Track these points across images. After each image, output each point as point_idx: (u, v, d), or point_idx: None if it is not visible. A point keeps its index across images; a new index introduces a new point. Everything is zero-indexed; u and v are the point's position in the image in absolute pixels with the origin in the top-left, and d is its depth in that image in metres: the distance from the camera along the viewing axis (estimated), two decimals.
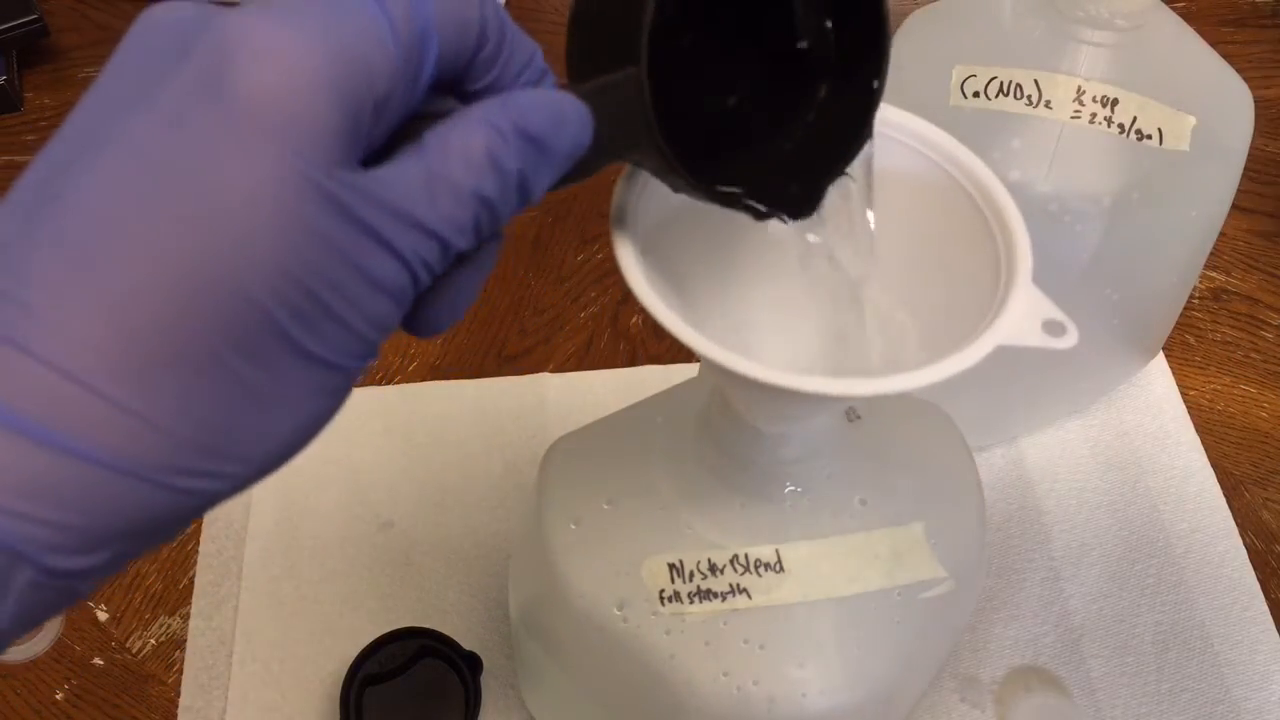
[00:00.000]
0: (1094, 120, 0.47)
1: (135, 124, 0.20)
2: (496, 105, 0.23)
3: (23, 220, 0.20)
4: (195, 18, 0.21)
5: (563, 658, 0.40)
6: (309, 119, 0.21)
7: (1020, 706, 0.51)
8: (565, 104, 0.24)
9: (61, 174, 0.20)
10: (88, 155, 0.20)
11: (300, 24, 0.21)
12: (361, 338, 0.22)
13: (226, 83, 0.20)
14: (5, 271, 0.20)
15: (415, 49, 0.22)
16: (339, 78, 0.21)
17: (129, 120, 0.20)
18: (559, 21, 0.80)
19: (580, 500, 0.38)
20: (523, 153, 0.23)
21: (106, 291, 0.19)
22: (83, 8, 0.79)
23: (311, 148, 0.21)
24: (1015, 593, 0.55)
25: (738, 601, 0.35)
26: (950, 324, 0.29)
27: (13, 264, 0.20)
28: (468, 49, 0.24)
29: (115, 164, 0.20)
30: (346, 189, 0.21)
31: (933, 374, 0.26)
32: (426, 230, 0.22)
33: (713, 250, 0.33)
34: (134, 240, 0.20)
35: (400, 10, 0.22)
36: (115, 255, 0.20)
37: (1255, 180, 0.71)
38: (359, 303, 0.22)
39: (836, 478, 0.37)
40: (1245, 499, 0.59)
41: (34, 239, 0.20)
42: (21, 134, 0.72)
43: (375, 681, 0.49)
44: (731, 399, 0.34)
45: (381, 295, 0.22)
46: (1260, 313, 0.67)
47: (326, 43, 0.21)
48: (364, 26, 0.21)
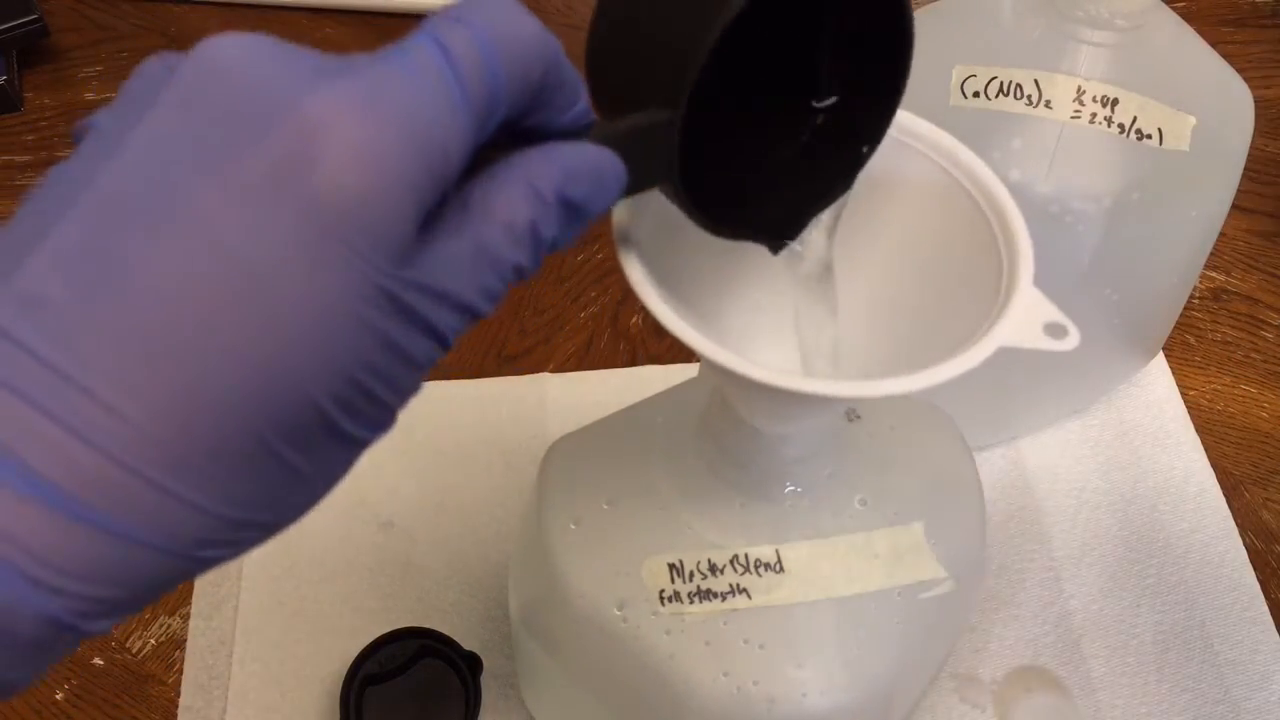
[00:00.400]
0: (1094, 120, 0.47)
1: (205, 197, 0.20)
2: (541, 163, 0.23)
3: (78, 284, 0.20)
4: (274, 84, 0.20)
5: (563, 658, 0.40)
6: (386, 225, 0.21)
7: (1020, 706, 0.51)
8: (606, 165, 0.24)
9: (120, 233, 0.20)
10: (151, 220, 0.20)
11: (384, 113, 0.20)
12: (393, 412, 0.23)
13: (309, 180, 0.20)
14: (61, 346, 0.19)
15: (485, 115, 0.22)
16: (418, 175, 0.21)
17: (197, 189, 0.20)
18: (560, 22, 0.80)
19: (580, 500, 0.38)
20: (562, 221, 0.24)
21: (169, 384, 0.20)
22: (83, 8, 0.79)
23: (384, 252, 0.21)
24: (1015, 593, 0.55)
25: (738, 601, 0.35)
26: (951, 324, 0.29)
27: (70, 338, 0.19)
28: (529, 96, 0.23)
29: (184, 242, 0.20)
30: (405, 285, 0.21)
31: (934, 376, 0.26)
32: (465, 306, 0.23)
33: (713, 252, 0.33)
34: (200, 333, 0.20)
35: (473, 74, 0.22)
36: (180, 348, 0.20)
37: (1255, 180, 0.71)
38: (398, 384, 0.22)
39: (836, 478, 0.37)
40: (1245, 499, 0.59)
41: (94, 315, 0.19)
42: (21, 134, 0.72)
43: (375, 681, 0.49)
44: (732, 400, 0.34)
45: (418, 373, 0.23)
46: (1260, 313, 0.67)
47: (409, 137, 0.21)
48: (440, 104, 0.21)
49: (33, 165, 0.70)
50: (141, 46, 0.77)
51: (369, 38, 0.78)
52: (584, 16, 0.81)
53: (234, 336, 0.20)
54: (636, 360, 0.63)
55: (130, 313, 0.19)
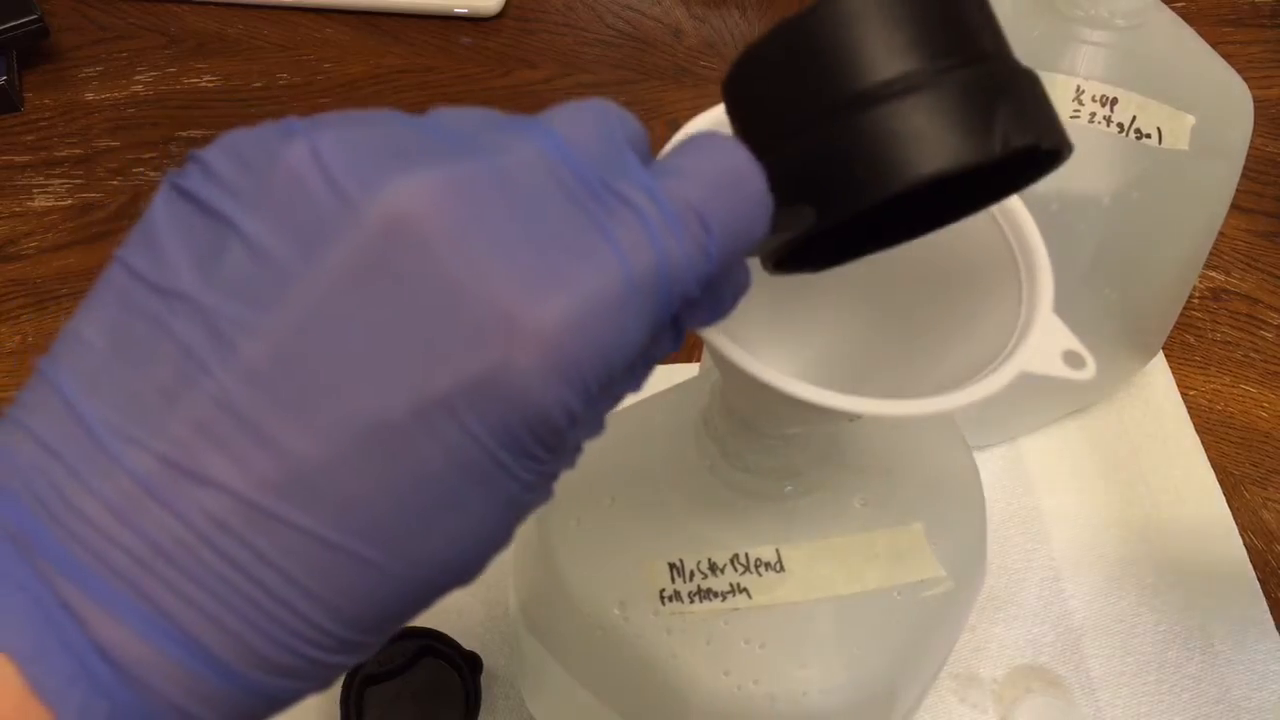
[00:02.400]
0: (1093, 120, 0.47)
1: (400, 409, 0.19)
2: (704, 315, 0.23)
3: (256, 474, 0.19)
4: (473, 275, 0.19)
5: (563, 657, 0.40)
6: (563, 430, 0.20)
7: (1020, 706, 0.51)
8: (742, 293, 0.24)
9: (302, 429, 0.19)
10: (339, 423, 0.19)
11: (587, 333, 0.19)
12: None
13: (505, 403, 0.19)
14: (240, 543, 0.19)
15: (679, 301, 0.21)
16: (603, 383, 0.20)
17: (391, 397, 0.19)
18: (560, 22, 0.80)
19: (581, 499, 0.38)
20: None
21: (353, 591, 0.20)
22: (83, 8, 0.79)
23: (554, 453, 0.21)
24: (1015, 593, 0.55)
25: (738, 601, 0.35)
26: (966, 340, 0.29)
27: (248, 535, 0.19)
28: None
29: (379, 460, 0.19)
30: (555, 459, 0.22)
31: (956, 400, 0.27)
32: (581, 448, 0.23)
33: None
34: (390, 550, 0.20)
35: (683, 289, 0.21)
36: (370, 561, 0.20)
37: (1255, 180, 0.71)
38: None
39: (837, 477, 0.37)
40: (1245, 499, 0.59)
41: (280, 517, 0.19)
42: (21, 134, 0.72)
43: (375, 681, 0.49)
44: (736, 402, 0.34)
45: None
46: (1260, 313, 0.67)
47: (605, 355, 0.20)
48: (641, 320, 0.20)
49: (33, 165, 0.70)
50: (141, 46, 0.77)
51: (369, 38, 0.78)
52: (583, 18, 0.81)
53: (420, 549, 0.20)
54: None
55: (313, 522, 0.19)
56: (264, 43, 0.78)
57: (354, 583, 0.20)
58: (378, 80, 0.76)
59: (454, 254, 0.19)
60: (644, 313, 0.20)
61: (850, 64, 0.22)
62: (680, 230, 0.20)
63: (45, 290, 0.64)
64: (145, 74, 0.75)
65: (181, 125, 0.73)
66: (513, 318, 0.19)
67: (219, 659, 0.19)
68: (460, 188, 0.19)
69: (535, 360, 0.19)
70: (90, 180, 0.70)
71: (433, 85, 0.76)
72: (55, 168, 0.70)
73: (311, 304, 0.18)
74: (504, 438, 0.19)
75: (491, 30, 0.79)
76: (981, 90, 0.22)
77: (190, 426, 0.18)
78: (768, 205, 0.22)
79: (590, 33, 0.80)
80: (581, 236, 0.20)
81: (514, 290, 0.19)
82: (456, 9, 0.79)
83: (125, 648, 0.19)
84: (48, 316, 0.63)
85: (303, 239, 0.19)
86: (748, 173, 0.21)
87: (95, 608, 0.19)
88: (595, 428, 0.23)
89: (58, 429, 0.19)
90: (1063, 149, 0.24)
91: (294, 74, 0.76)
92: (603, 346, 0.20)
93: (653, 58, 0.78)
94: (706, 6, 0.81)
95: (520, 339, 0.19)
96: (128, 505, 0.18)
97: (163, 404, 0.19)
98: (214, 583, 0.19)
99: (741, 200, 0.21)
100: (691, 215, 0.20)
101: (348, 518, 0.19)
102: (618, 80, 0.77)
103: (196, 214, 0.20)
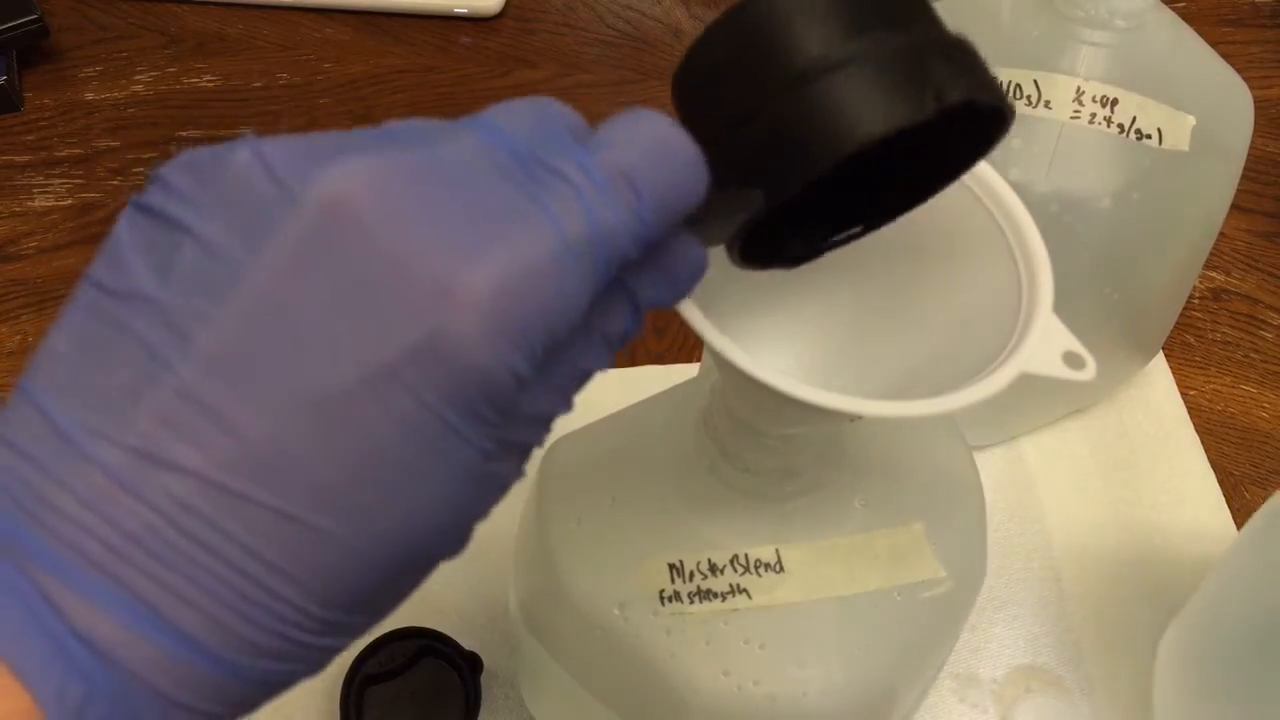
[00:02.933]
0: (1093, 120, 0.47)
1: (348, 381, 0.19)
2: (655, 283, 0.23)
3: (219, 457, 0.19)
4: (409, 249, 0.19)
5: (563, 657, 0.40)
6: (511, 391, 0.21)
7: (1020, 706, 0.51)
8: (701, 271, 0.24)
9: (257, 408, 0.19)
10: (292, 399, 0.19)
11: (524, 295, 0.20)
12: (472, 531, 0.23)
13: (449, 366, 0.20)
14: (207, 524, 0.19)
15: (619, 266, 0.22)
16: (542, 341, 0.21)
17: (338, 371, 0.19)
18: (560, 22, 0.80)
19: (581, 500, 0.38)
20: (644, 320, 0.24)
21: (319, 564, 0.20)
22: (83, 8, 0.79)
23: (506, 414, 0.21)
24: (1015, 592, 0.55)
25: (738, 601, 0.35)
26: (965, 339, 0.29)
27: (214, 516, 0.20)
28: None
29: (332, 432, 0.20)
30: (514, 427, 0.22)
31: (957, 400, 0.27)
32: (554, 417, 0.23)
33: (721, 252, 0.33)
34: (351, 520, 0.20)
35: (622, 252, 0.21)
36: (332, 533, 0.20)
37: (1255, 180, 0.71)
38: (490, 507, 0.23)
39: (837, 478, 0.37)
40: (1245, 499, 0.59)
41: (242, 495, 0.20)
42: (21, 134, 0.72)
43: (375, 681, 0.49)
44: (736, 403, 0.34)
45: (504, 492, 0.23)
46: (1260, 313, 0.67)
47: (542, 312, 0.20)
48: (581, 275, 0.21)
49: (33, 165, 0.70)
50: (141, 46, 0.77)
51: (369, 38, 0.78)
52: (583, 18, 0.81)
53: (380, 518, 0.20)
54: (636, 360, 0.63)
55: (273, 497, 0.20)
56: (264, 43, 0.78)
57: (320, 557, 0.20)
58: (378, 80, 0.76)
59: (389, 229, 0.20)
60: (581, 274, 0.21)
61: (781, 47, 0.23)
62: (610, 194, 0.21)
63: (45, 290, 0.64)
64: (145, 74, 0.75)
65: (181, 125, 0.73)
66: (448, 283, 0.19)
67: (196, 640, 0.20)
68: (394, 170, 0.20)
69: (473, 321, 0.19)
70: (90, 180, 0.70)
71: (433, 85, 0.76)
72: (55, 168, 0.70)
73: (259, 290, 0.19)
74: (451, 400, 0.20)
75: (491, 30, 0.79)
76: (912, 55, 0.23)
77: (154, 417, 0.19)
78: (699, 170, 0.22)
79: (590, 33, 0.80)
80: (514, 206, 0.21)
81: (448, 257, 0.20)
82: (456, 9, 0.79)
83: (101, 631, 0.19)
84: (48, 316, 0.63)
85: (249, 232, 0.20)
86: (676, 139, 0.22)
87: (72, 595, 0.19)
88: (557, 401, 0.23)
89: (31, 433, 0.20)
90: (1002, 107, 0.25)
91: (294, 74, 0.76)
92: (540, 306, 0.20)
93: (653, 58, 0.78)
94: (706, 6, 0.81)
95: (456, 302, 0.19)
96: (98, 496, 0.19)
97: (129, 400, 0.20)
98: (184, 564, 0.19)
99: (671, 164, 0.22)
100: (621, 181, 0.21)
101: (306, 491, 0.20)
102: (618, 80, 0.77)
103: (156, 226, 0.20)
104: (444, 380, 0.20)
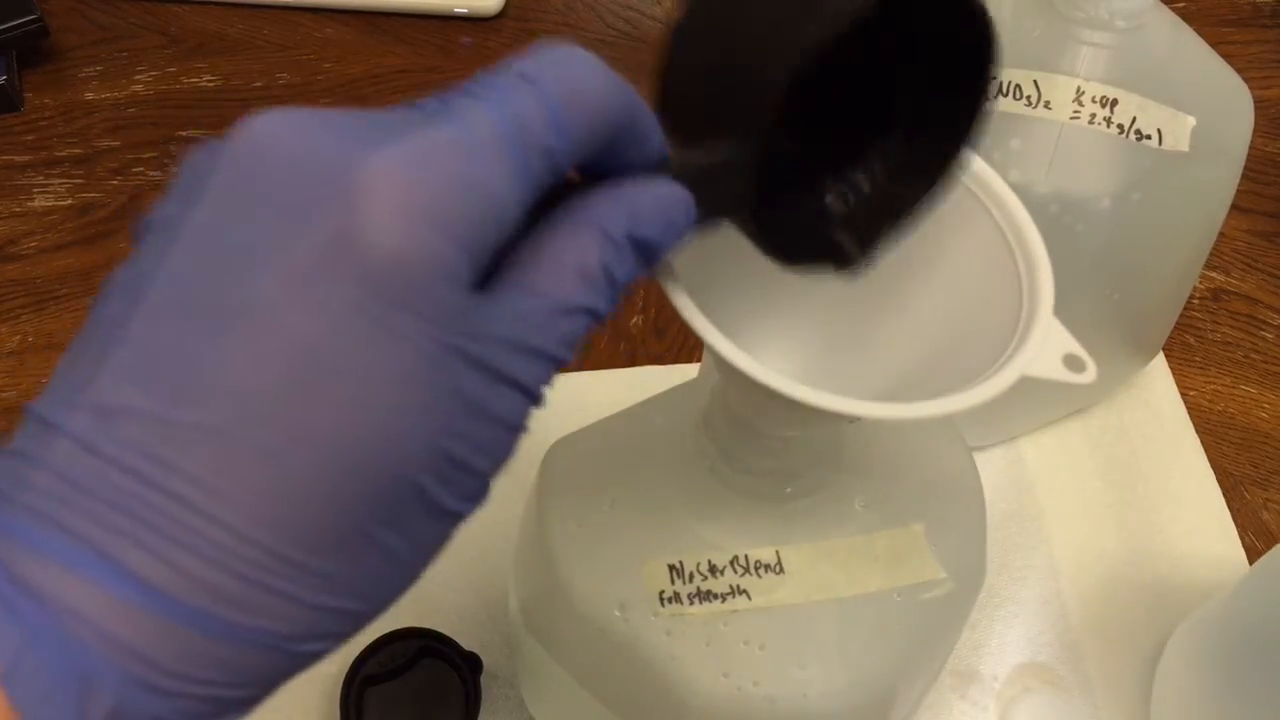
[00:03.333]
0: (1093, 121, 0.47)
1: (264, 289, 0.20)
2: (611, 205, 0.23)
3: (153, 392, 0.20)
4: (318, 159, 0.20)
5: (563, 658, 0.40)
6: (441, 286, 0.20)
7: (1020, 705, 0.51)
8: (676, 202, 0.24)
9: (188, 335, 0.20)
10: (216, 319, 0.20)
11: (430, 176, 0.20)
12: (487, 480, 0.22)
13: (359, 255, 0.20)
14: (145, 455, 0.19)
15: (547, 175, 0.22)
16: (468, 235, 0.20)
17: (255, 281, 0.20)
18: (560, 22, 0.80)
19: (581, 501, 0.38)
20: (635, 262, 0.23)
21: (258, 483, 0.20)
22: (83, 8, 0.79)
23: (446, 311, 0.20)
24: (1015, 592, 0.55)
25: (738, 603, 0.35)
26: (966, 342, 0.29)
27: (152, 447, 0.19)
28: (600, 148, 0.23)
29: (250, 339, 0.20)
30: (474, 339, 0.21)
31: (958, 403, 0.27)
32: (544, 354, 0.22)
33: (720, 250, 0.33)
34: (281, 428, 0.20)
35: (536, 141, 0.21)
36: (268, 448, 0.20)
37: (1255, 180, 0.71)
38: (492, 448, 0.22)
39: (836, 479, 0.37)
40: (1245, 499, 0.59)
41: (173, 422, 0.20)
42: (22, 134, 0.72)
43: (375, 682, 0.49)
44: (737, 404, 0.34)
45: (510, 433, 0.22)
46: (1260, 313, 0.67)
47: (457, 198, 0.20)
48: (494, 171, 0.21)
49: (33, 165, 0.70)
50: (141, 46, 0.77)
51: (369, 38, 0.78)
52: (583, 18, 0.81)
53: (316, 426, 0.20)
54: (636, 360, 0.63)
55: (208, 416, 0.19)
56: (264, 43, 0.78)
57: (257, 472, 0.20)
58: (378, 80, 0.76)
59: (292, 142, 0.20)
60: (491, 159, 0.21)
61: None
62: (510, 88, 0.22)
63: (45, 290, 0.64)
64: (145, 74, 0.75)
65: (181, 125, 0.73)
66: (349, 172, 0.20)
67: (142, 578, 0.19)
68: (314, 112, 0.21)
69: (379, 207, 0.20)
70: (90, 180, 0.70)
71: (433, 85, 0.76)
72: (55, 168, 0.70)
73: (192, 237, 0.20)
74: (375, 292, 0.20)
75: (491, 30, 0.79)
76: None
77: (112, 376, 0.20)
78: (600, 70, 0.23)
79: (590, 33, 0.80)
80: (417, 117, 0.21)
81: (348, 152, 0.20)
82: (456, 9, 0.79)
83: (40, 576, 0.19)
84: (48, 316, 0.63)
85: (192, 192, 0.21)
86: (576, 50, 0.23)
87: (15, 546, 0.19)
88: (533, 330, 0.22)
89: (25, 433, 0.21)
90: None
91: (294, 74, 0.76)
92: (448, 187, 0.20)
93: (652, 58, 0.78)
94: None
95: (359, 189, 0.20)
96: (62, 459, 0.20)
97: (96, 369, 0.20)
98: (126, 500, 0.19)
99: (571, 62, 0.22)
100: (519, 79, 0.22)
101: (236, 405, 0.19)
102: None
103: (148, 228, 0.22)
104: (361, 271, 0.20)
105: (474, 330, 0.21)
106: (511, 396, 0.22)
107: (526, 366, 0.22)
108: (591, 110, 0.22)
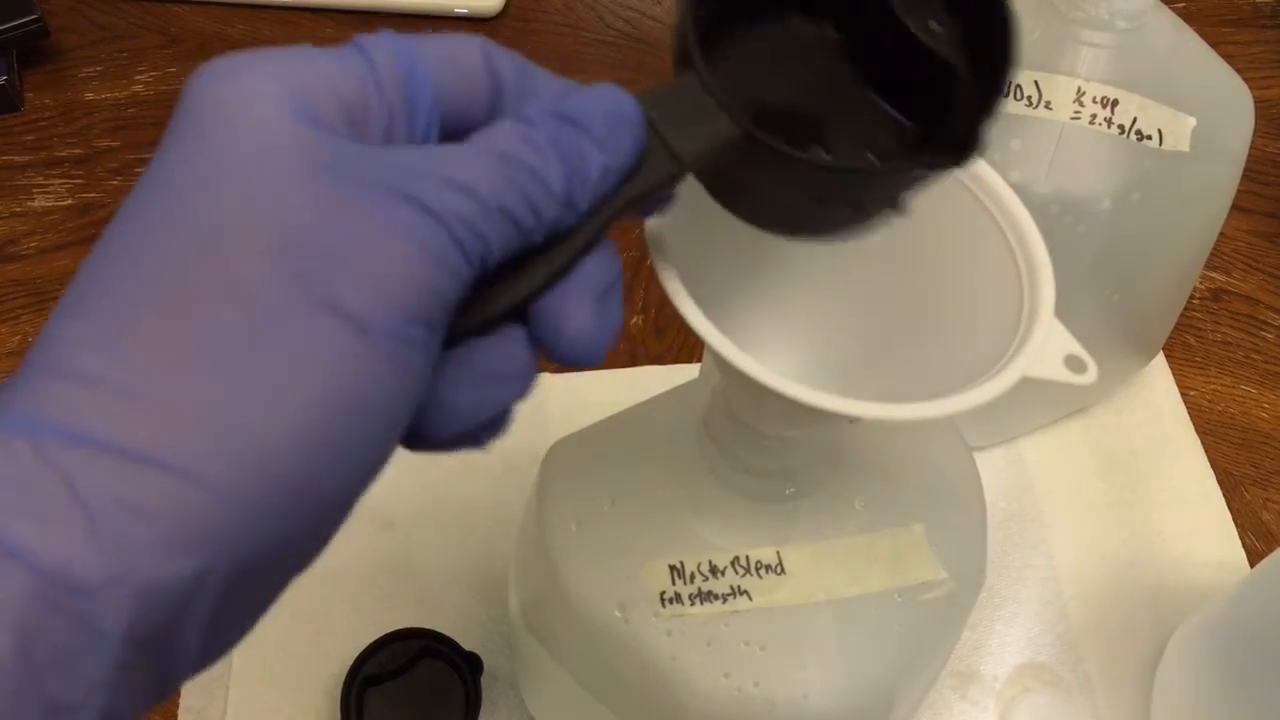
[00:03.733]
0: (1094, 121, 0.47)
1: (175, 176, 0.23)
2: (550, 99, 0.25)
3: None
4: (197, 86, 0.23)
5: (563, 658, 0.40)
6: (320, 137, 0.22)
7: (1020, 705, 0.51)
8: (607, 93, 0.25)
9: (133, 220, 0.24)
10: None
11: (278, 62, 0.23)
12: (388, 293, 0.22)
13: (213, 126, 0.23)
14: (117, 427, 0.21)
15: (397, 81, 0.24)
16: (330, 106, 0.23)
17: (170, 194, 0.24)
18: (560, 22, 0.80)
19: (581, 501, 0.38)
20: (557, 131, 0.24)
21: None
22: (83, 8, 0.79)
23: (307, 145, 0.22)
24: (1015, 592, 0.55)
25: (738, 603, 0.35)
26: (967, 342, 0.29)
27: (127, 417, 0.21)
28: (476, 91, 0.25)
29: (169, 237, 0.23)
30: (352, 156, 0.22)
31: (958, 404, 0.27)
32: (457, 185, 0.22)
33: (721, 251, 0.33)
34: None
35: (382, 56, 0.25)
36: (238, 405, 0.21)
37: (1255, 180, 0.71)
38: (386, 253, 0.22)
39: (837, 479, 0.37)
40: (1245, 499, 0.59)
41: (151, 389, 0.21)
42: (22, 134, 0.72)
43: (376, 682, 0.49)
44: (737, 405, 0.34)
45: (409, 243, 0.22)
46: (1260, 313, 0.67)
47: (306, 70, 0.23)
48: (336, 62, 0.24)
49: (33, 165, 0.70)
50: (141, 46, 0.77)
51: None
52: (583, 18, 0.81)
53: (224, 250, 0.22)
54: (636, 360, 0.63)
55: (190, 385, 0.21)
56: (264, 43, 0.77)
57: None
58: None
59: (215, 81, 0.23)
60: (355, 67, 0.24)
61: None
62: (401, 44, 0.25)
63: (45, 290, 0.64)
64: (145, 74, 0.75)
65: None
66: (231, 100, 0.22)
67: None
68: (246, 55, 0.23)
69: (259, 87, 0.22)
70: (90, 180, 0.69)
71: None
72: (55, 168, 0.70)
73: (144, 182, 0.24)
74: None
75: (491, 30, 0.79)
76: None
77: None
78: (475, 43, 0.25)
79: (590, 33, 0.80)
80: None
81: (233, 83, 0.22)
82: (456, 9, 0.79)
83: None
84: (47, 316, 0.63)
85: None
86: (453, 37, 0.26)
87: None
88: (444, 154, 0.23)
89: None
90: None
91: None
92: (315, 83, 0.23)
93: (653, 58, 0.78)
94: None
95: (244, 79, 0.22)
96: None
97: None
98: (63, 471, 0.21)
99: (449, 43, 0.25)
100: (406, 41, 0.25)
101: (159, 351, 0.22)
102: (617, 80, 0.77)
103: None
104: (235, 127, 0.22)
105: (361, 154, 0.22)
106: (411, 212, 0.22)
107: (434, 191, 0.22)
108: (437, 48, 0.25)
